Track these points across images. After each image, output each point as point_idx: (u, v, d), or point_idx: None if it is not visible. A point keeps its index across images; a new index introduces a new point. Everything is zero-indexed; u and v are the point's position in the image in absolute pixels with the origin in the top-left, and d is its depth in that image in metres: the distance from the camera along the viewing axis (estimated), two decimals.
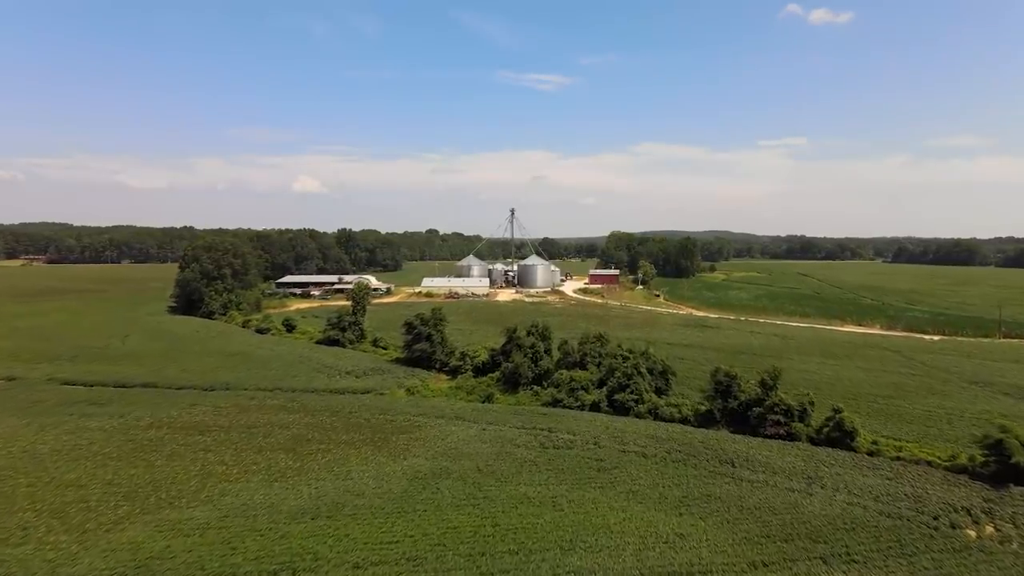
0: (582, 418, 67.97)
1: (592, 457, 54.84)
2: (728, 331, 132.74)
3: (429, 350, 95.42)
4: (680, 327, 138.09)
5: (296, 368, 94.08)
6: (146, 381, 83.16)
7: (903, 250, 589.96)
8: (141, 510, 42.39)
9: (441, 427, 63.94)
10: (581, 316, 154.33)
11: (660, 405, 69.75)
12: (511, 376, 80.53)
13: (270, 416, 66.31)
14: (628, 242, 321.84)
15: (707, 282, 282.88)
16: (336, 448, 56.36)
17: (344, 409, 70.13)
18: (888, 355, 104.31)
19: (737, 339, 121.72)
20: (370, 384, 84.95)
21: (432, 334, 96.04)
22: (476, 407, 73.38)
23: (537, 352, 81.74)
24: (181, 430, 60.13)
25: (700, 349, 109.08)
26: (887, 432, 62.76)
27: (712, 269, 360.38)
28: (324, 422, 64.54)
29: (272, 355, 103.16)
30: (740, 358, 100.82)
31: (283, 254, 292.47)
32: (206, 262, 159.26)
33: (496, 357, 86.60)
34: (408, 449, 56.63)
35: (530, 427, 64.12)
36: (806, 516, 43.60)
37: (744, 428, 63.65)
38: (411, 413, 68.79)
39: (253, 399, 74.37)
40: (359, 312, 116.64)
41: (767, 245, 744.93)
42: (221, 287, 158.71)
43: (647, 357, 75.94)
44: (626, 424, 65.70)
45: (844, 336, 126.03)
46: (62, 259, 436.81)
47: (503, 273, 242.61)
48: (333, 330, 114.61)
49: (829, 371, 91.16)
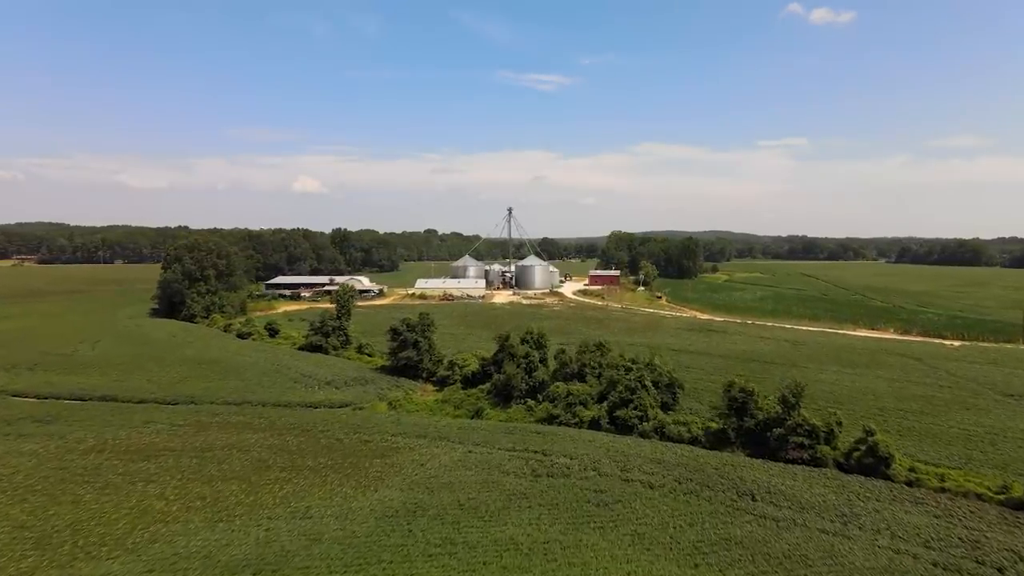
0: (580, 438, 60.92)
1: (591, 488, 47.72)
2: (735, 336, 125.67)
3: (415, 358, 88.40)
4: (684, 331, 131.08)
5: (271, 378, 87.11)
6: (104, 393, 76.19)
7: (907, 250, 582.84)
8: (50, 562, 35.33)
9: (422, 449, 56.87)
10: (580, 319, 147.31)
11: (667, 423, 62.70)
12: (503, 389, 73.50)
13: (231, 436, 59.24)
14: (629, 242, 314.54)
15: (710, 283, 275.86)
16: (298, 477, 49.27)
17: (316, 427, 63.07)
18: (909, 363, 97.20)
19: (745, 345, 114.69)
20: (349, 397, 77.92)
21: (419, 341, 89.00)
22: (463, 424, 66.28)
23: (531, 362, 74.68)
24: (125, 455, 53.04)
25: (707, 356, 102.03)
26: (924, 456, 55.68)
27: (714, 270, 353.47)
28: (290, 444, 57.45)
29: (248, 363, 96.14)
30: (750, 366, 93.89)
31: (275, 254, 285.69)
32: (188, 263, 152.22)
33: (487, 367, 79.57)
34: (381, 478, 49.55)
35: (521, 449, 57.08)
36: (847, 569, 36.49)
37: (762, 451, 56.61)
38: (389, 432, 61.72)
39: (216, 415, 67.29)
40: (344, 316, 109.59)
41: (768, 245, 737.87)
42: (204, 289, 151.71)
43: (652, 368, 68.84)
44: (629, 445, 58.63)
45: (858, 342, 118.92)
46: (54, 259, 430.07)
47: (500, 274, 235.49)
48: (316, 335, 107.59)
49: (848, 382, 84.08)
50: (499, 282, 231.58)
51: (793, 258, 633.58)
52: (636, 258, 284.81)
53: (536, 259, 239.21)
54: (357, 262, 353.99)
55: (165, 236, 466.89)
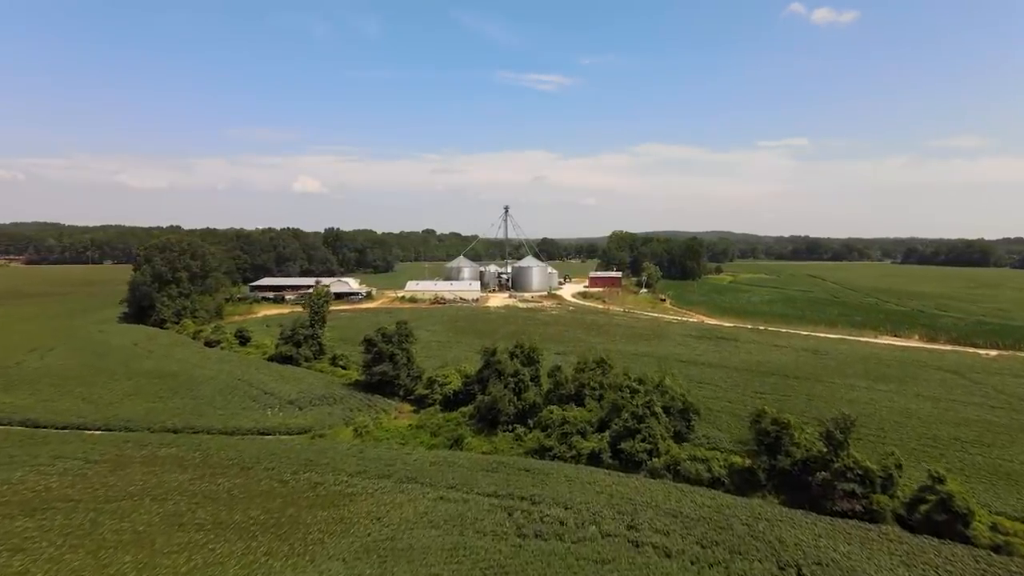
0: (577, 478, 50.35)
1: (591, 558, 37.12)
2: (748, 344, 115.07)
3: (391, 373, 77.84)
4: (692, 339, 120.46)
5: (228, 396, 76.60)
6: (26, 417, 65.66)
7: (913, 251, 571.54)
8: None
9: (383, 495, 46.27)
10: (579, 325, 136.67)
11: (681, 458, 52.11)
12: (487, 412, 62.93)
13: (151, 477, 48.69)
14: (631, 242, 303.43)
15: (715, 285, 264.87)
16: (216, 540, 38.64)
17: (260, 463, 52.50)
18: (947, 378, 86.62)
19: (760, 354, 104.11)
20: (310, 420, 67.33)
21: (396, 354, 78.41)
22: (438, 458, 55.60)
23: (521, 381, 64.08)
24: (5, 507, 42.43)
25: (720, 369, 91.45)
26: (1001, 504, 45.11)
27: (718, 271, 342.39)
28: (221, 489, 46.86)
29: (207, 377, 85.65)
30: (769, 381, 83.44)
31: (264, 255, 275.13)
32: (159, 264, 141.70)
33: (470, 386, 68.96)
34: (323, 541, 38.96)
35: (505, 494, 46.51)
36: None
37: (801, 497, 46.09)
38: (348, 470, 51.14)
39: (145, 446, 56.70)
40: (317, 323, 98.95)
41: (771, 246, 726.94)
42: (176, 292, 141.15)
43: (662, 390, 58.21)
44: (637, 489, 48.05)
45: (883, 351, 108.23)
46: (42, 259, 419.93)
47: (496, 275, 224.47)
48: (286, 345, 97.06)
49: (885, 401, 73.52)
50: (495, 284, 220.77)
51: (796, 258, 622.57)
52: (638, 259, 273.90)
53: (534, 260, 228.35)
54: (350, 263, 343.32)
55: (155, 236, 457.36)
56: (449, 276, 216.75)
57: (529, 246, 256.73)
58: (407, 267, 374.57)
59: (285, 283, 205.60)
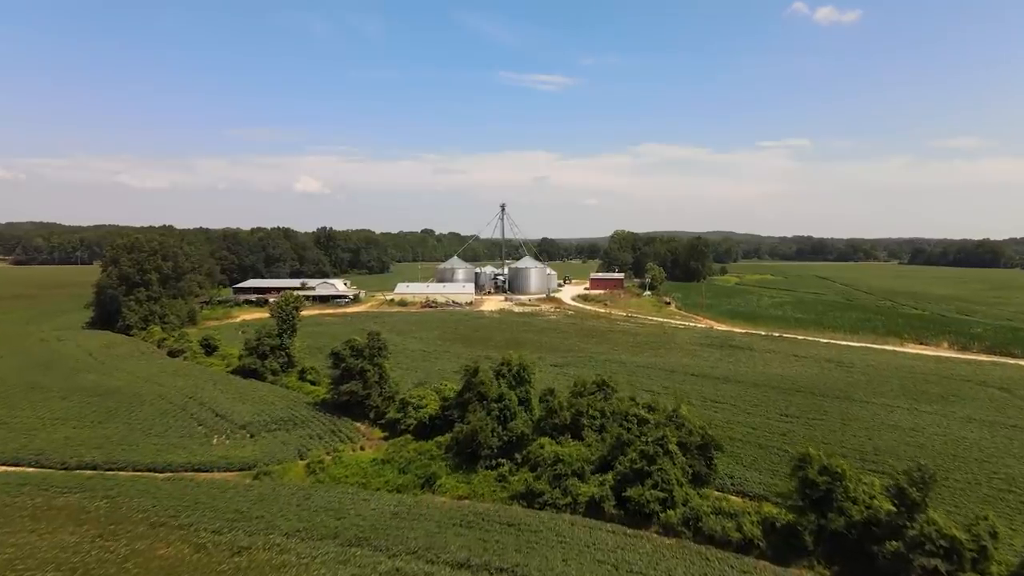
0: (573, 537, 39.90)
1: None
2: (764, 354, 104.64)
3: (361, 393, 67.49)
4: (703, 347, 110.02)
5: (171, 419, 66.32)
6: None
7: (920, 251, 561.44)
8: None
9: (322, 568, 35.85)
10: (579, 332, 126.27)
11: (703, 510, 41.67)
12: (467, 444, 52.56)
13: (35, 537, 38.27)
14: (633, 242, 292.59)
15: (721, 287, 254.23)
16: None
17: (179, 515, 42.09)
18: (997, 395, 76.18)
19: (780, 366, 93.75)
20: (260, 451, 57.00)
21: (366, 370, 68.05)
22: (402, 506, 45.17)
23: (507, 407, 53.68)
24: None
25: (737, 384, 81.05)
26: None
27: (723, 271, 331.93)
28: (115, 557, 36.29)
29: (154, 395, 75.39)
30: (795, 400, 73.04)
31: (252, 255, 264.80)
32: (125, 265, 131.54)
33: (448, 411, 58.59)
34: None
35: (479, 565, 35.99)
36: None
37: (861, 570, 35.62)
38: (285, 527, 40.68)
39: (46, 491, 46.14)
40: (286, 333, 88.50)
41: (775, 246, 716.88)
42: (144, 295, 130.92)
43: (678, 422, 47.77)
44: (649, 556, 37.60)
45: (916, 362, 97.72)
46: (29, 260, 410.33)
47: (492, 277, 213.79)
48: (250, 357, 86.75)
49: (933, 427, 63.02)
50: (491, 286, 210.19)
51: (801, 259, 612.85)
52: (641, 259, 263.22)
53: (532, 261, 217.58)
54: (343, 263, 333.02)
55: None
56: (442, 278, 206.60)
57: (528, 246, 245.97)
58: (403, 268, 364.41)
59: (269, 285, 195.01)
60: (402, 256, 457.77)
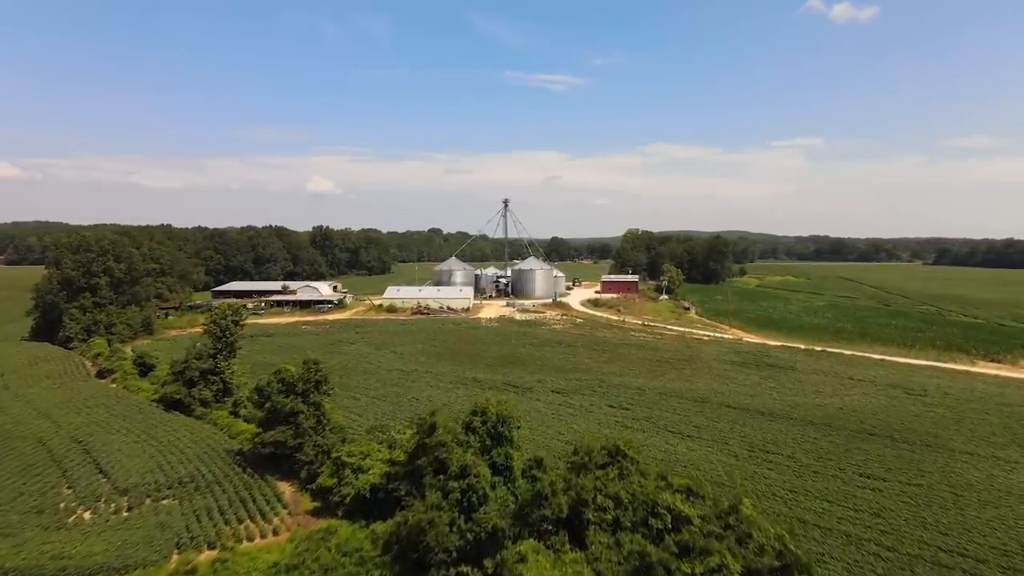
0: None
1: None
2: (811, 375, 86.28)
3: (291, 443, 50.03)
4: (735, 366, 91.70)
5: (31, 478, 49.48)
6: None
7: (946, 251, 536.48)
8: None
9: None
10: (587, 345, 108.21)
11: None
12: (412, 542, 34.85)
13: None
14: (647, 242, 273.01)
15: (742, 290, 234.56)
16: None
17: None
18: None
19: (836, 394, 75.39)
20: (123, 542, 39.50)
21: (299, 411, 50.54)
22: None
23: (474, 487, 35.76)
24: None
25: (788, 423, 62.92)
26: None
27: (742, 272, 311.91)
28: None
29: (39, 436, 58.86)
30: (874, 451, 54.75)
31: (240, 255, 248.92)
32: (69, 267, 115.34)
33: (396, 484, 40.83)
34: None
35: None
36: None
37: None
38: None
39: None
40: (222, 353, 71.12)
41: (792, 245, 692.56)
42: (89, 302, 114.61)
43: (739, 530, 29.66)
44: None
45: (1007, 390, 78.67)
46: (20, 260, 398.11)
47: (494, 280, 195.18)
48: (174, 384, 69.62)
49: None
50: (492, 290, 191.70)
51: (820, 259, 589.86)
52: (656, 260, 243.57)
53: (537, 261, 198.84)
54: (341, 264, 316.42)
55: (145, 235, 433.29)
56: (439, 280, 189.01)
57: (534, 246, 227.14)
58: (406, 268, 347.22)
59: (249, 288, 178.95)
60: (406, 256, 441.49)
